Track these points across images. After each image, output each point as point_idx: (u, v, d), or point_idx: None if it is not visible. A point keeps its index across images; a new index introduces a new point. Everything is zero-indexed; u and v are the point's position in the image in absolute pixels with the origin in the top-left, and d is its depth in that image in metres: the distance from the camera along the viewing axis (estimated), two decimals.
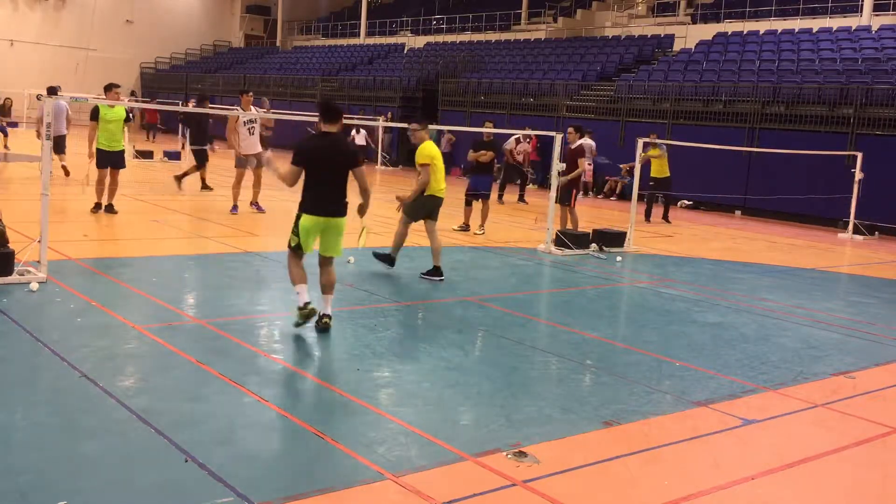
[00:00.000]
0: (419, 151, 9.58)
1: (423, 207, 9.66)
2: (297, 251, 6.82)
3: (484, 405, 5.41)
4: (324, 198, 6.69)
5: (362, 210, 7.11)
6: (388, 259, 9.78)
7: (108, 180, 12.62)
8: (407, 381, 5.80)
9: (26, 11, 41.54)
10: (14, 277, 7.63)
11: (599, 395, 5.81)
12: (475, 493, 4.12)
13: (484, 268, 10.69)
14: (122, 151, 12.67)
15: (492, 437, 4.82)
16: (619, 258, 12.15)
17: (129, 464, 4.16)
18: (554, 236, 12.22)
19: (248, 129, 13.65)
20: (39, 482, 3.90)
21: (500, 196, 19.41)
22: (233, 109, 13.85)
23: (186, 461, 4.20)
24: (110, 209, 12.60)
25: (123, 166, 12.75)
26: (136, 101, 34.15)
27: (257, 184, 14.02)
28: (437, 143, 27.36)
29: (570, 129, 13.89)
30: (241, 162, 13.74)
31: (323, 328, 6.78)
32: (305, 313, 6.66)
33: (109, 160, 12.49)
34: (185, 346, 6.17)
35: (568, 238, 12.21)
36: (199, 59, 47.25)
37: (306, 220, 6.69)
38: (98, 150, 12.52)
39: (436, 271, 9.48)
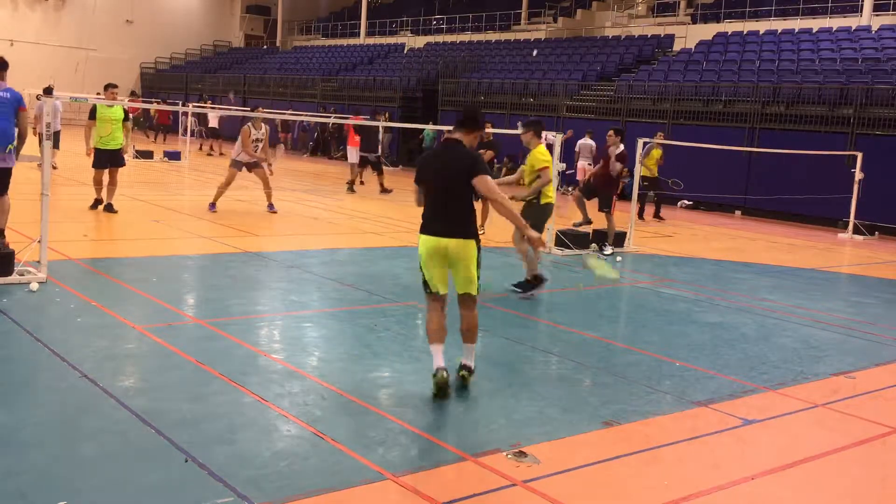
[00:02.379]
0: (534, 155, 9.00)
1: (544, 216, 9.25)
2: (427, 291, 5.69)
3: (484, 405, 5.41)
4: (431, 215, 5.61)
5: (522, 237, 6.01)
6: (538, 281, 8.83)
7: (106, 179, 12.66)
8: (407, 381, 5.80)
9: (26, 11, 41.54)
10: (14, 277, 7.63)
11: (599, 395, 5.81)
12: (475, 493, 4.12)
13: (484, 268, 10.66)
14: (120, 149, 12.72)
15: (492, 437, 4.82)
16: (618, 258, 12.15)
17: (129, 464, 4.16)
18: (554, 236, 12.22)
19: (254, 147, 13.84)
20: (39, 482, 3.90)
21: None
22: (246, 124, 14.23)
23: (186, 461, 4.20)
24: (110, 209, 12.61)
25: (122, 164, 12.79)
26: (149, 101, 34.12)
27: (266, 185, 14.05)
28: (438, 143, 27.53)
29: (610, 133, 13.37)
30: (237, 164, 13.86)
31: (460, 382, 5.63)
32: (438, 382, 5.39)
33: (106, 159, 12.57)
34: (185, 346, 6.17)
35: (568, 238, 12.21)
36: (199, 59, 47.26)
37: (420, 242, 5.63)
38: (95, 149, 12.61)
39: (533, 281, 8.83)
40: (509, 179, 9.81)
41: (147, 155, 23.76)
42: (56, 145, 17.58)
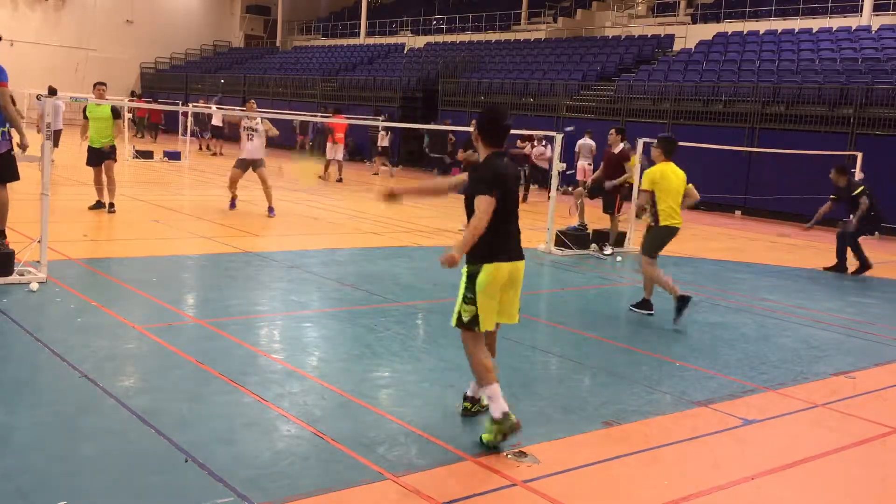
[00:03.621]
0: (644, 174, 8.46)
1: (662, 239, 8.50)
2: (474, 328, 4.82)
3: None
4: (509, 235, 4.87)
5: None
6: (646, 305, 8.48)
7: (104, 179, 12.65)
8: (407, 381, 5.80)
9: (26, 11, 41.55)
10: (14, 277, 7.62)
11: (599, 395, 5.81)
12: (475, 493, 4.12)
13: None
14: (111, 147, 12.67)
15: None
16: (619, 258, 12.15)
17: (129, 464, 4.16)
18: (554, 236, 12.22)
19: (248, 135, 13.74)
20: (39, 482, 3.90)
21: (525, 197, 19.54)
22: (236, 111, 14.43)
23: (186, 461, 4.20)
24: (110, 208, 12.62)
25: (110, 158, 12.66)
26: (137, 100, 34.13)
27: (266, 185, 13.96)
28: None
29: (612, 131, 12.94)
30: (240, 164, 13.88)
31: (512, 432, 4.69)
32: (509, 427, 4.62)
33: (94, 156, 12.64)
34: (185, 346, 6.17)
35: (568, 238, 12.21)
36: (199, 59, 47.27)
37: (493, 271, 4.76)
38: (88, 147, 12.71)
39: (645, 304, 8.52)
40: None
41: (147, 155, 23.76)
42: (55, 144, 18.10)
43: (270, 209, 13.86)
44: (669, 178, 8.33)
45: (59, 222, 10.62)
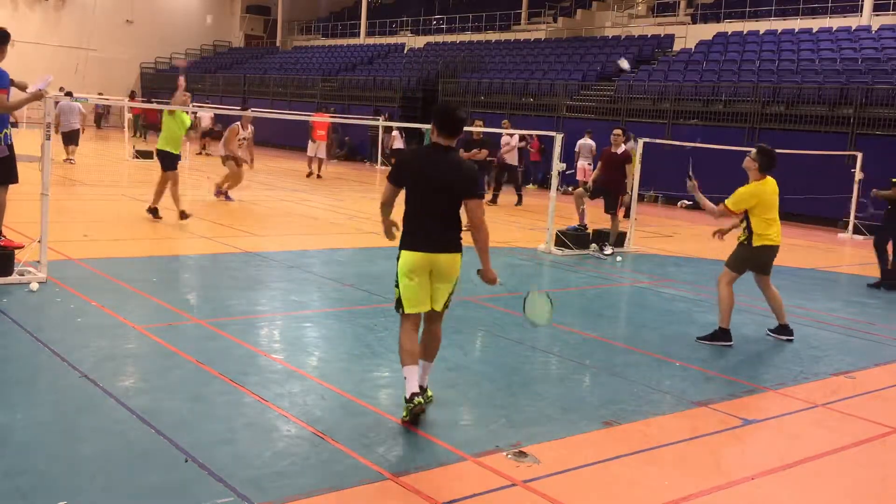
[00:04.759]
0: (744, 190, 7.71)
1: (751, 261, 7.80)
2: (398, 309, 5.14)
3: (484, 405, 5.41)
4: (429, 229, 5.07)
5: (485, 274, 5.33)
6: (722, 336, 7.43)
7: (158, 186, 12.49)
8: None
9: (26, 11, 41.54)
10: (14, 277, 7.63)
11: (599, 395, 5.81)
12: (475, 493, 4.12)
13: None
14: (178, 155, 12.78)
15: (492, 437, 4.82)
16: (619, 258, 12.15)
17: (129, 464, 4.16)
18: (554, 236, 12.22)
19: (239, 143, 15.22)
20: (39, 482, 3.90)
21: (495, 198, 18.72)
22: (234, 124, 15.67)
23: (186, 461, 4.20)
24: (183, 216, 12.30)
25: (173, 168, 12.54)
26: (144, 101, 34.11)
27: (232, 179, 15.41)
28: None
29: (618, 132, 12.48)
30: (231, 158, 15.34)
31: (413, 413, 4.90)
32: (412, 409, 4.86)
33: (172, 161, 12.53)
34: (185, 346, 6.17)
35: (568, 238, 12.21)
36: (199, 59, 47.25)
37: (406, 258, 5.06)
38: (165, 152, 12.54)
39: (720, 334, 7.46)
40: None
41: (147, 155, 23.75)
42: (75, 142, 20.58)
43: (226, 194, 15.36)
44: (764, 197, 7.71)
45: (60, 222, 10.62)
